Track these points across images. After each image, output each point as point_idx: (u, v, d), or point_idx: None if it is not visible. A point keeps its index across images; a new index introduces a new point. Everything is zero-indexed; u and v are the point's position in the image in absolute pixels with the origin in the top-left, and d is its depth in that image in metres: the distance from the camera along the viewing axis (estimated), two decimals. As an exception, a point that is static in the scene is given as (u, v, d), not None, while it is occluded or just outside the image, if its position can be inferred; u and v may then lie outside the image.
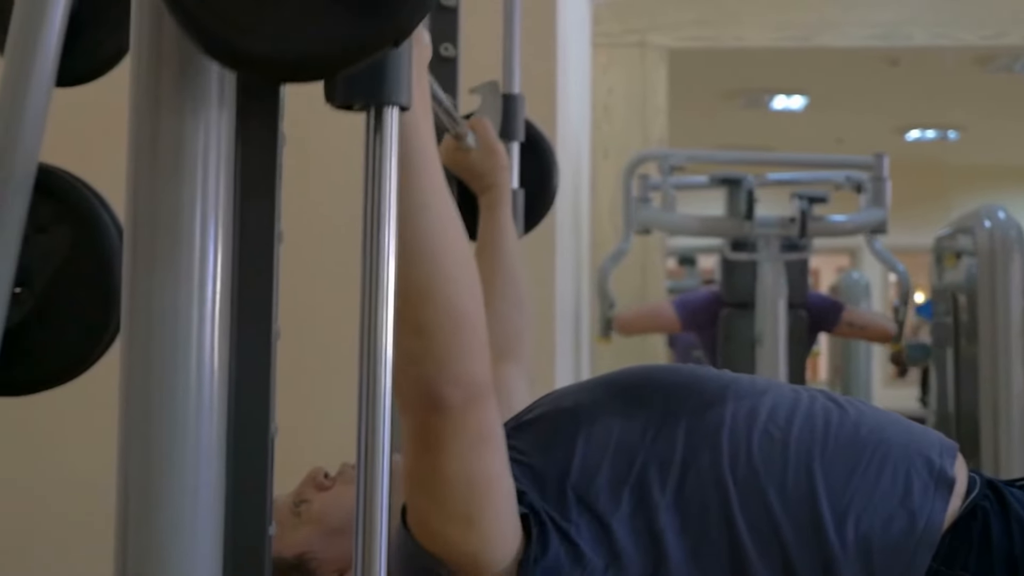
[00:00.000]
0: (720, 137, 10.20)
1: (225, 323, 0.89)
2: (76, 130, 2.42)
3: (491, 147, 2.09)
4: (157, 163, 0.88)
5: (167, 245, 0.85)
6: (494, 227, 2.06)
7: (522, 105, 2.35)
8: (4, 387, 1.49)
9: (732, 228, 5.10)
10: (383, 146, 0.92)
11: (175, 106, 0.89)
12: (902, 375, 12.22)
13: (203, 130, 0.89)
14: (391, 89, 0.89)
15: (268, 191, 0.94)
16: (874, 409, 1.62)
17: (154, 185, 0.87)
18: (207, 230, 0.88)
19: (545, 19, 3.40)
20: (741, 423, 1.50)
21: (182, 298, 0.86)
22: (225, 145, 0.90)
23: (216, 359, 0.87)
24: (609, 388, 1.61)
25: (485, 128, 2.09)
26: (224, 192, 0.90)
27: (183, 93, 0.89)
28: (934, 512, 1.47)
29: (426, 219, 1.26)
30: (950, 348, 5.31)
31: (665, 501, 1.45)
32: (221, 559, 0.88)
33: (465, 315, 1.28)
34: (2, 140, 1.47)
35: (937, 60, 7.80)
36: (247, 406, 0.92)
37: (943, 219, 6.44)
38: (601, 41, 5.99)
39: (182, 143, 0.88)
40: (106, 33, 1.55)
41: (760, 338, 5.01)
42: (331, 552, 1.55)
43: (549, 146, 2.48)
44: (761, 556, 1.44)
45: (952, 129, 10.72)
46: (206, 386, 0.86)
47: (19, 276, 1.48)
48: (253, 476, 0.91)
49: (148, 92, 0.89)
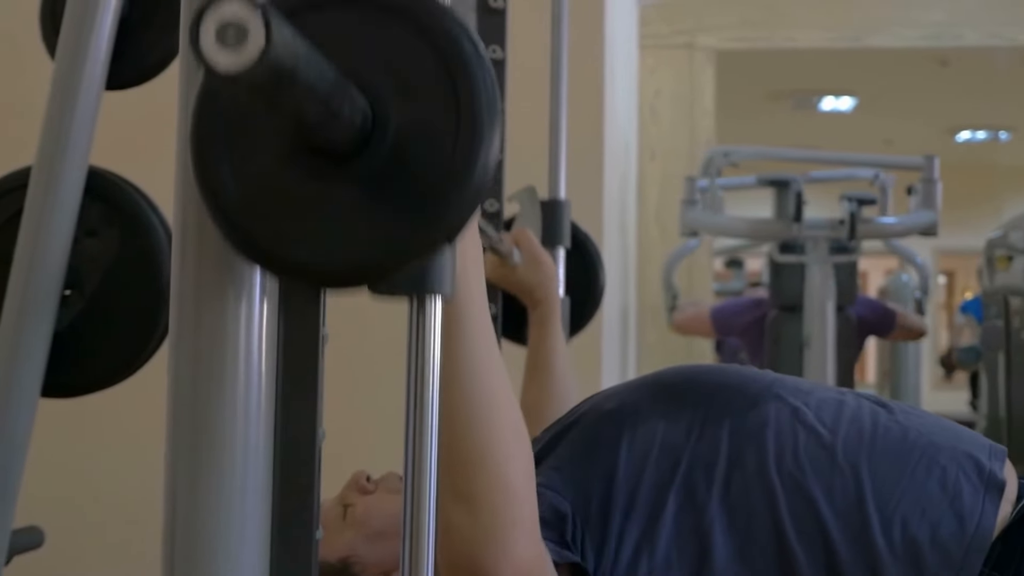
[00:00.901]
0: (767, 139, 10.15)
1: (273, 325, 0.89)
2: (125, 133, 2.44)
3: (538, 259, 2.06)
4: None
5: (215, 247, 0.85)
6: (544, 343, 2.03)
7: (568, 210, 2.31)
8: (54, 389, 1.49)
9: (780, 230, 5.07)
10: (425, 333, 0.90)
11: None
12: (948, 377, 12.13)
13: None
14: (434, 281, 0.87)
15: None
16: (921, 412, 1.60)
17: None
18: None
19: (593, 21, 3.39)
20: (786, 423, 1.49)
21: (230, 300, 0.86)
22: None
23: (264, 361, 0.87)
24: (652, 389, 1.60)
25: (530, 241, 2.07)
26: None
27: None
28: (985, 516, 1.45)
29: (478, 383, 1.23)
30: (1001, 351, 5.26)
31: (712, 501, 1.45)
32: (268, 564, 0.88)
33: (517, 487, 1.24)
34: (52, 143, 1.48)
35: (988, 60, 7.74)
36: (295, 409, 0.91)
37: (994, 221, 6.39)
38: (648, 43, 5.97)
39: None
40: (155, 37, 1.55)
41: (808, 341, 4.98)
42: (375, 555, 1.55)
43: (595, 246, 2.45)
44: (807, 556, 1.43)
45: (1003, 130, 10.64)
46: (254, 389, 0.86)
47: (69, 278, 1.49)
48: (301, 480, 0.90)
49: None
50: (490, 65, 0.82)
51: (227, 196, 0.81)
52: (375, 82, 0.81)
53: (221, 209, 0.81)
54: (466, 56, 0.81)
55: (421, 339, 0.90)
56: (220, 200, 0.81)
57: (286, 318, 0.91)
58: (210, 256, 0.86)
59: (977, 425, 5.68)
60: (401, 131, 0.81)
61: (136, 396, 1.72)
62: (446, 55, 0.81)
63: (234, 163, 0.81)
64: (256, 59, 0.65)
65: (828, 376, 4.88)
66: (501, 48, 2.18)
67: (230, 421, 0.83)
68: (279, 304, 0.90)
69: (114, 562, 3.08)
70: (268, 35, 0.65)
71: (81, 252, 1.50)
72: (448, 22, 0.81)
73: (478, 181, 0.80)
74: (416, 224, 0.80)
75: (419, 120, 0.81)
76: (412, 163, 0.80)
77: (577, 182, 2.53)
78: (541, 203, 2.27)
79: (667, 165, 6.23)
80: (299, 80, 0.70)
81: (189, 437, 0.86)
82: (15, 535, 1.49)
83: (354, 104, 0.78)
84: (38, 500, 1.93)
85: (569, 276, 2.31)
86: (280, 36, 0.66)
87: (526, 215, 2.23)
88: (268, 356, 0.88)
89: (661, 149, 6.29)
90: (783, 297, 5.28)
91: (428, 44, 0.81)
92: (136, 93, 1.60)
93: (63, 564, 2.62)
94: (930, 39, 6.67)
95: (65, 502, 3.04)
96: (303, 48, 0.70)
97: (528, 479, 1.26)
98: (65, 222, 1.47)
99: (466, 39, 0.81)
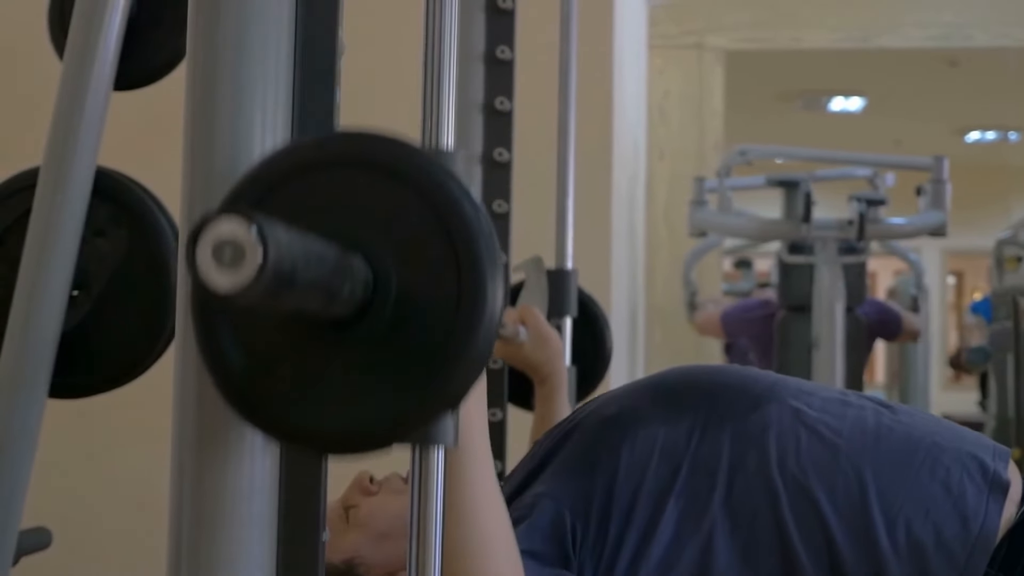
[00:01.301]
0: (777, 140, 10.14)
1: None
2: (134, 134, 2.44)
3: (544, 337, 2.06)
4: (212, 166, 0.88)
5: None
6: (549, 419, 2.01)
7: (575, 280, 2.29)
8: (61, 389, 1.49)
9: (789, 231, 5.06)
10: (428, 481, 0.91)
11: (231, 103, 0.89)
12: (957, 378, 12.12)
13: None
14: (438, 435, 0.86)
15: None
16: (924, 414, 1.60)
17: (209, 187, 0.87)
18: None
19: (602, 21, 3.39)
20: (788, 425, 1.49)
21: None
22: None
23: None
24: (652, 392, 1.60)
25: (536, 319, 2.06)
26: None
27: (240, 89, 0.89)
28: (989, 516, 1.44)
29: (475, 522, 1.28)
30: (1010, 352, 5.25)
31: (713, 505, 1.45)
32: (275, 565, 0.88)
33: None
34: (61, 144, 1.48)
35: (997, 61, 7.72)
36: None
37: (1003, 221, 6.38)
38: (657, 43, 5.97)
39: (236, 144, 0.88)
40: (163, 37, 1.55)
41: (817, 342, 4.97)
42: (379, 556, 1.54)
43: (601, 311, 2.43)
44: (811, 558, 1.42)
45: (1013, 130, 10.62)
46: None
47: (76, 279, 1.49)
48: (306, 480, 0.90)
49: (204, 87, 0.89)
50: (491, 227, 0.80)
51: (230, 364, 0.81)
52: (375, 248, 0.80)
53: (225, 377, 0.81)
54: (467, 220, 0.79)
55: (424, 486, 0.90)
56: (223, 368, 0.81)
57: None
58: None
59: (986, 426, 5.66)
60: (402, 296, 0.80)
61: (144, 396, 1.72)
62: (446, 218, 0.79)
63: (236, 331, 0.81)
64: (254, 277, 0.65)
65: (837, 377, 4.87)
66: (510, 48, 2.18)
67: (235, 420, 0.83)
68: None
69: (122, 563, 3.08)
70: (265, 251, 0.65)
71: (89, 253, 1.50)
72: (448, 183, 0.80)
73: (482, 346, 0.79)
74: (419, 391, 0.79)
75: (420, 285, 0.80)
76: (414, 328, 0.79)
77: (586, 182, 2.52)
78: (548, 272, 2.25)
79: (676, 165, 6.22)
80: (297, 282, 0.70)
81: (194, 438, 0.86)
82: (23, 536, 1.49)
83: (355, 278, 0.77)
84: (46, 500, 1.93)
85: (576, 343, 2.28)
86: (276, 246, 0.66)
87: (532, 285, 2.21)
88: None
89: (670, 149, 6.29)
90: (792, 298, 5.28)
91: (428, 207, 0.79)
92: (144, 93, 1.60)
93: (71, 564, 2.62)
94: (939, 40, 6.66)
95: (73, 503, 3.04)
96: (300, 246, 0.70)
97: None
98: (73, 223, 1.47)
99: (466, 201, 0.79)
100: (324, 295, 0.75)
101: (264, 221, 0.66)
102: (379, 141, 0.81)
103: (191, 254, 0.66)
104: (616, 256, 3.64)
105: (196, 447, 0.86)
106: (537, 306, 2.12)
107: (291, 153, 0.83)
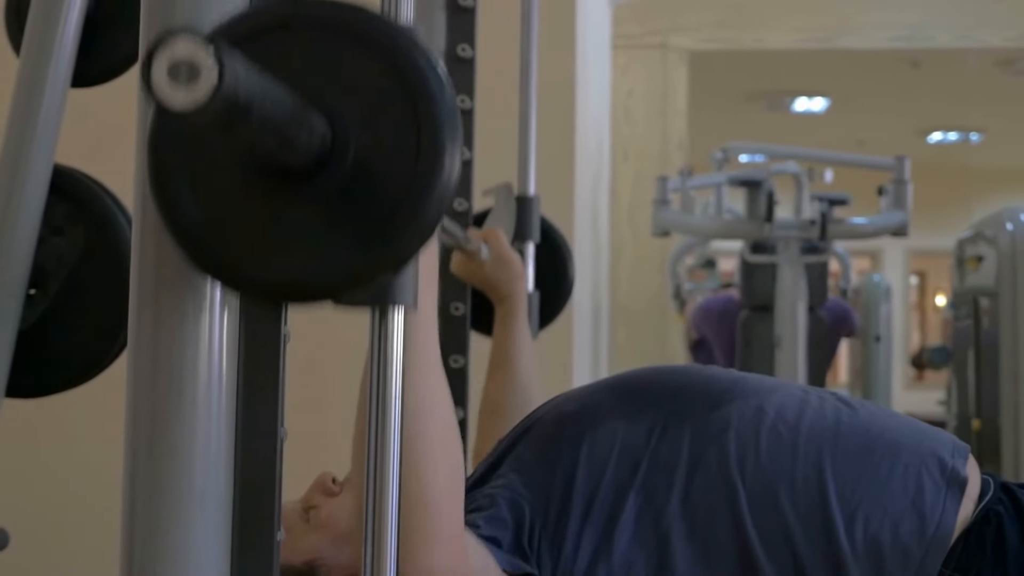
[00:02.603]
0: (741, 140, 10.18)
1: (233, 325, 0.88)
2: (92, 131, 2.42)
3: (505, 258, 2.08)
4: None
5: (175, 248, 0.85)
6: (508, 339, 2.06)
7: (537, 206, 2.35)
8: (18, 389, 1.48)
9: (752, 230, 5.08)
10: (387, 342, 0.91)
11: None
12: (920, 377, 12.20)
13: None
14: (396, 294, 0.88)
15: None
16: (885, 410, 1.60)
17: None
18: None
19: (564, 21, 3.39)
20: (748, 422, 1.49)
21: (189, 299, 0.86)
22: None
23: (224, 361, 0.87)
24: (613, 391, 1.60)
25: (498, 239, 2.09)
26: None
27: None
28: (945, 514, 1.45)
29: (408, 388, 1.25)
30: (971, 351, 5.28)
31: (672, 503, 1.45)
32: (229, 565, 0.87)
33: (437, 498, 1.25)
34: (18, 141, 1.47)
35: (959, 62, 7.78)
36: (255, 409, 0.91)
37: (965, 222, 6.42)
38: (621, 43, 5.98)
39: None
40: (121, 34, 1.54)
41: (779, 341, 4.99)
42: (340, 558, 1.53)
43: (564, 241, 2.48)
44: (770, 557, 1.43)
45: (974, 131, 10.69)
46: (214, 389, 0.86)
47: (34, 277, 1.47)
48: (261, 481, 0.90)
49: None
50: (451, 87, 0.82)
51: (186, 216, 0.82)
52: (335, 105, 0.81)
53: (181, 229, 0.82)
54: (426, 78, 0.81)
55: (383, 349, 0.91)
56: (179, 221, 0.82)
57: (247, 317, 0.90)
58: (169, 256, 0.85)
59: (948, 425, 5.70)
60: (361, 152, 0.81)
61: (102, 396, 1.71)
62: (406, 77, 0.81)
63: (192, 183, 0.82)
64: (208, 97, 0.65)
65: (799, 376, 4.89)
66: (471, 47, 2.18)
67: (189, 421, 0.83)
68: (240, 304, 0.89)
69: (79, 564, 3.06)
70: (221, 72, 0.66)
71: (46, 251, 1.49)
72: (409, 45, 0.82)
73: (438, 201, 0.81)
74: (375, 244, 0.81)
75: (379, 141, 0.81)
76: (372, 183, 0.81)
77: (548, 182, 2.53)
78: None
79: (640, 165, 6.24)
80: (253, 114, 0.70)
81: (147, 437, 0.85)
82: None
83: (312, 131, 0.79)
84: (3, 501, 1.91)
85: (539, 270, 2.34)
86: (233, 72, 0.66)
87: (500, 211, 2.25)
88: (229, 355, 0.87)
89: (634, 149, 6.30)
90: (754, 297, 5.30)
91: (388, 66, 0.82)
92: (103, 91, 1.59)
93: (28, 566, 2.60)
94: (902, 41, 6.70)
95: (30, 503, 3.02)
96: (258, 82, 0.70)
97: (453, 491, 1.27)
98: (30, 220, 1.46)
99: (429, 68, 0.81)
100: (280, 139, 0.76)
101: (223, 45, 0.66)
102: (350, 8, 0.82)
103: (147, 72, 0.66)
104: (579, 257, 3.64)
105: (148, 446, 0.85)
106: (504, 231, 2.15)
107: (261, 11, 0.84)
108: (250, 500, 0.89)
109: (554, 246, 2.44)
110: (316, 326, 2.63)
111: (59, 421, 2.87)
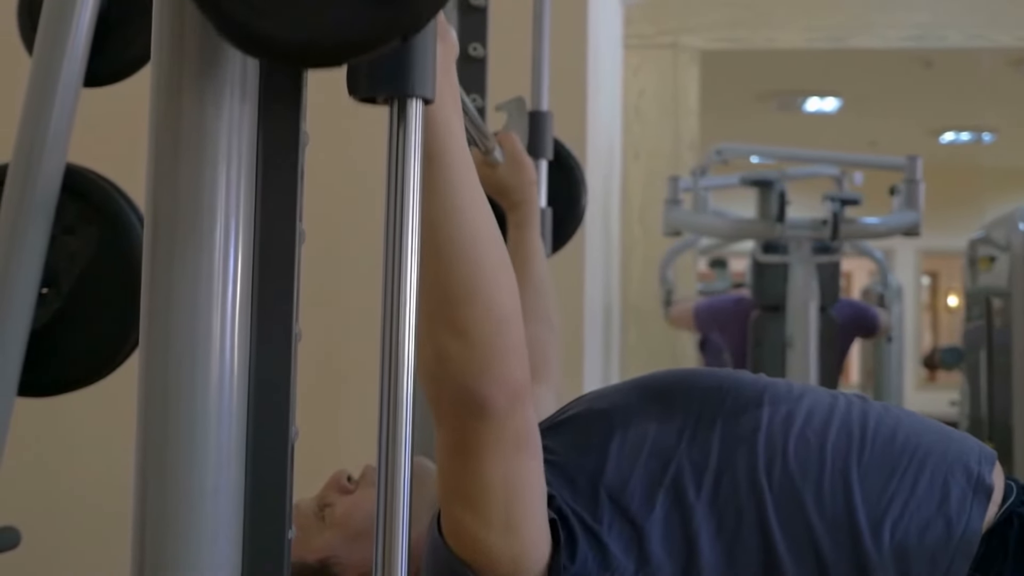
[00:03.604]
0: (752, 140, 10.16)
1: (245, 324, 0.88)
2: (104, 131, 2.43)
3: (519, 162, 2.05)
4: (178, 160, 0.87)
5: (187, 243, 0.85)
6: (522, 246, 2.03)
7: (551, 122, 2.32)
8: (31, 388, 1.49)
9: (763, 230, 5.06)
10: (406, 139, 0.91)
11: (196, 99, 0.88)
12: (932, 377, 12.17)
13: (225, 125, 0.88)
14: (414, 81, 0.88)
15: (290, 190, 0.93)
16: (912, 415, 1.60)
17: (175, 182, 0.87)
18: (228, 228, 0.87)
19: (576, 20, 3.39)
20: (777, 427, 1.49)
21: (202, 298, 0.86)
22: (247, 143, 0.90)
23: (236, 360, 0.87)
24: (644, 391, 1.60)
25: (513, 142, 2.06)
26: (245, 191, 0.89)
27: (204, 87, 0.88)
28: (971, 520, 1.45)
29: (462, 220, 1.25)
30: (983, 352, 5.27)
31: (700, 504, 1.45)
32: (240, 563, 0.87)
33: (507, 316, 1.27)
34: (30, 141, 1.47)
35: (972, 62, 7.75)
36: (267, 408, 0.91)
37: (977, 222, 6.40)
38: (633, 43, 5.97)
39: (203, 138, 0.88)
40: (133, 34, 1.55)
41: (791, 341, 4.98)
42: (355, 556, 1.53)
43: (577, 164, 2.46)
44: (796, 560, 1.43)
45: (987, 131, 10.66)
46: (226, 387, 0.86)
47: (46, 276, 1.48)
48: (273, 479, 0.90)
49: (169, 86, 0.89)
50: None
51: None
52: None
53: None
54: None
55: (403, 147, 0.90)
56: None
57: (259, 314, 0.90)
58: (182, 253, 0.85)
59: (960, 426, 5.69)
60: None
61: (114, 394, 1.71)
62: None
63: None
64: None
65: (811, 377, 4.88)
66: (483, 46, 2.17)
67: (201, 419, 0.83)
68: (251, 301, 0.89)
69: (90, 562, 3.07)
70: None
71: (58, 250, 1.50)
72: None
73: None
74: (384, 9, 0.81)
75: None
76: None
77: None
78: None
79: (651, 165, 6.22)
80: None
81: (159, 434, 0.85)
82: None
83: None
84: (14, 500, 1.92)
85: (551, 191, 2.31)
86: None
87: (512, 125, 2.21)
88: (240, 353, 0.87)
89: (645, 149, 6.29)
90: (766, 297, 5.28)
91: None
92: (115, 90, 1.59)
93: (38, 564, 2.61)
94: (914, 40, 6.68)
95: (42, 502, 3.03)
96: None
97: (516, 307, 1.29)
98: (42, 220, 1.47)
99: None
100: None
101: None
102: None
103: None
104: (590, 258, 3.64)
105: (160, 444, 0.85)
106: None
107: None
108: (261, 496, 0.89)
109: (567, 169, 2.41)
110: (328, 330, 2.63)
111: (69, 419, 2.88)
